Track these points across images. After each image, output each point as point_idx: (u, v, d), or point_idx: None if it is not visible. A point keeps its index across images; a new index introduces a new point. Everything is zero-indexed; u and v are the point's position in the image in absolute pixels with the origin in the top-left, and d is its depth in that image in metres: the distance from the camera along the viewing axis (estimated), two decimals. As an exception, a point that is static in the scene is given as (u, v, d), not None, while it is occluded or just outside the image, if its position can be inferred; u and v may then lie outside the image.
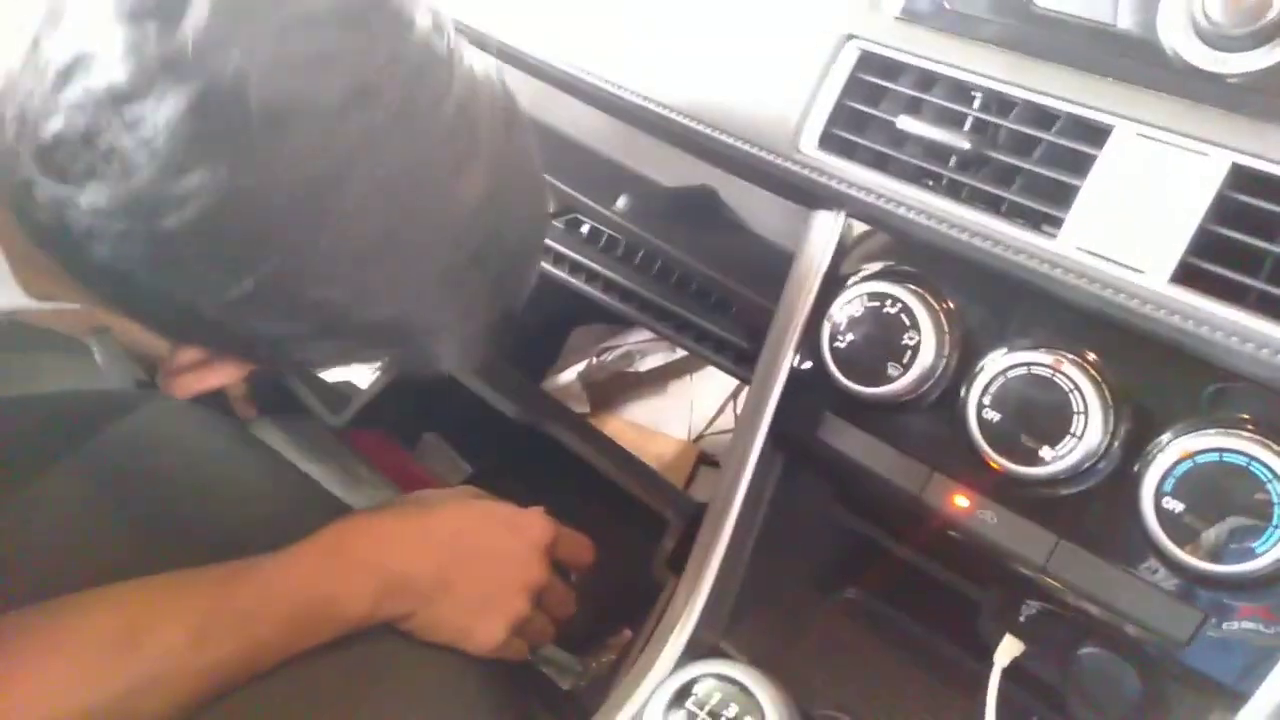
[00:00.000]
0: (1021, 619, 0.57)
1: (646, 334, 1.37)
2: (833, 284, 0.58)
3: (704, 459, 1.22)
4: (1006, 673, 0.57)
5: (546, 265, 0.85)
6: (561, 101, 0.76)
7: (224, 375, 0.52)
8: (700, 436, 1.29)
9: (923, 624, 0.69)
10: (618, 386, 1.43)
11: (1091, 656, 0.54)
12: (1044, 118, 0.50)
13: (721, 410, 1.28)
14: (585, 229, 0.79)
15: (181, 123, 0.39)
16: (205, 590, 0.57)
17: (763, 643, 0.65)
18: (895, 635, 0.68)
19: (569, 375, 1.36)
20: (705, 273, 0.68)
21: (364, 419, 0.95)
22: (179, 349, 0.51)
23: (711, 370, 1.19)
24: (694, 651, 0.62)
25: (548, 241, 0.82)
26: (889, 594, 0.71)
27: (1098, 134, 0.48)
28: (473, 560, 0.63)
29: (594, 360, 1.40)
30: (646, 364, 1.44)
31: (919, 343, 0.52)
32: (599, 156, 0.83)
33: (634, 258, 0.77)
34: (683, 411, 1.42)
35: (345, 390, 1.00)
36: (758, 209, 0.77)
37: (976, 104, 0.52)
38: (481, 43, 0.50)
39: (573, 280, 0.82)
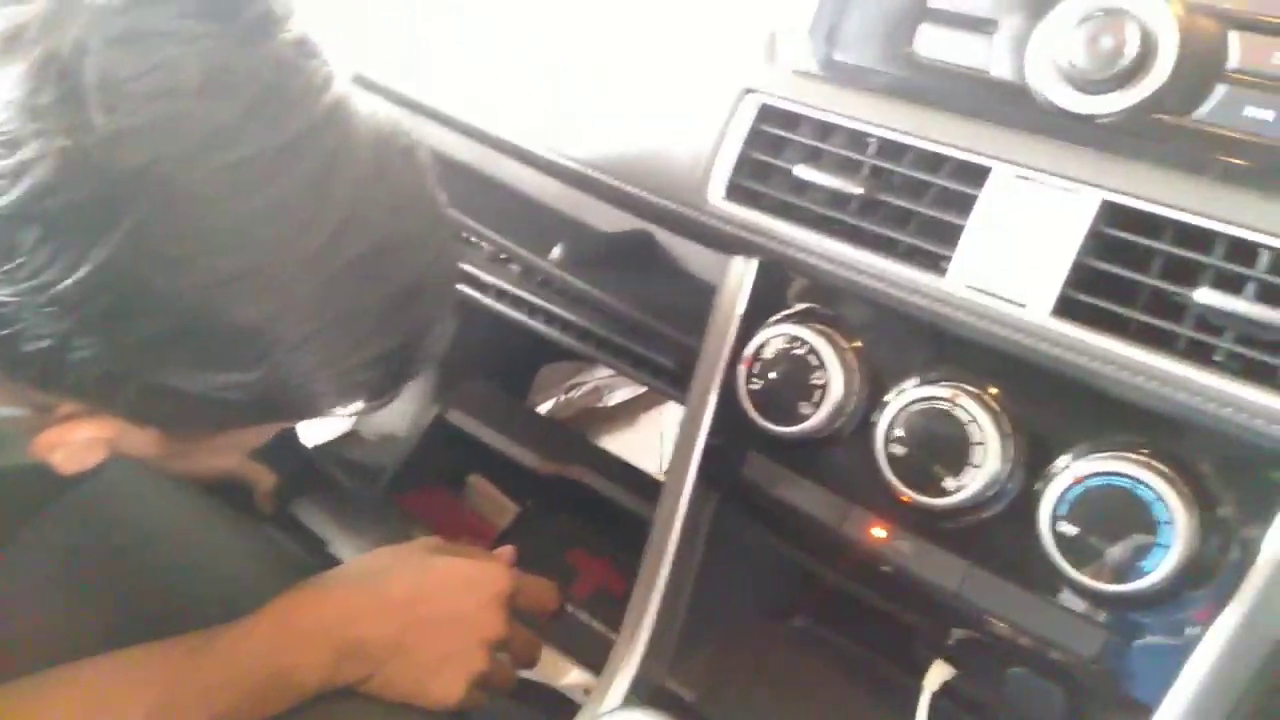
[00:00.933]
0: (950, 643, 0.58)
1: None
2: (750, 326, 0.60)
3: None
4: (943, 694, 0.59)
5: (502, 307, 0.87)
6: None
7: (99, 430, 0.46)
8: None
9: (867, 649, 0.70)
10: (588, 421, 1.45)
11: (1018, 677, 0.56)
12: (933, 162, 0.52)
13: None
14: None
15: (15, 93, 0.38)
16: (163, 668, 0.58)
17: (711, 677, 0.67)
18: (842, 661, 0.70)
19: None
20: (633, 316, 0.70)
21: (404, 481, 0.97)
22: (52, 418, 0.46)
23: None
24: (640, 690, 0.63)
25: (502, 284, 0.84)
26: (834, 621, 0.72)
27: (978, 176, 0.50)
28: (431, 623, 0.63)
29: (562, 397, 1.42)
30: (615, 398, 1.46)
31: (828, 382, 0.54)
32: (543, 206, 0.86)
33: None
34: (653, 443, 1.43)
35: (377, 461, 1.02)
36: (693, 251, 0.79)
37: (871, 150, 0.55)
38: (397, 98, 0.51)
39: (530, 321, 0.84)
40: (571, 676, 0.81)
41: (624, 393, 1.44)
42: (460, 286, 0.92)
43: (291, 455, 0.97)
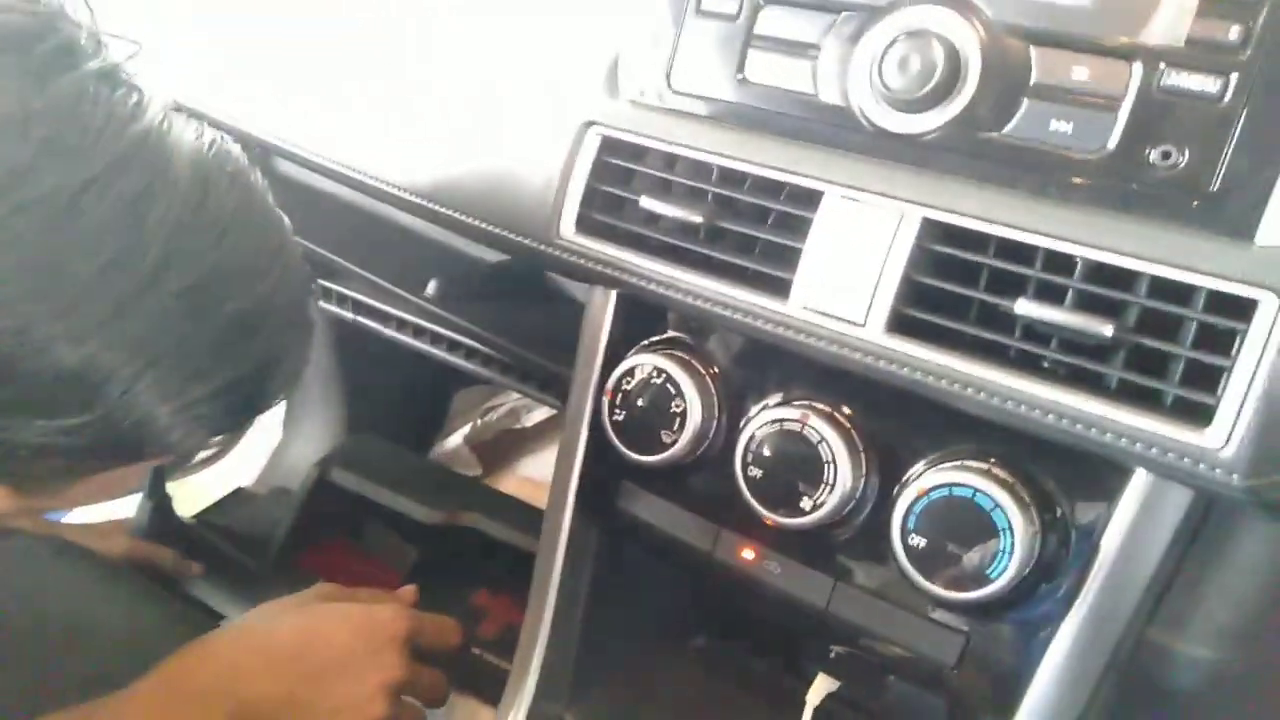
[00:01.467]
0: (831, 655, 0.59)
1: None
2: (615, 356, 0.60)
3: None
4: (831, 704, 0.59)
5: (404, 337, 0.87)
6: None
7: None
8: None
9: (766, 663, 0.71)
10: (508, 443, 1.44)
11: (896, 686, 0.57)
12: (771, 188, 0.53)
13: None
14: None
15: None
16: None
17: (611, 704, 0.67)
18: (740, 678, 0.70)
19: (455, 439, 1.37)
20: (512, 350, 0.69)
21: (299, 539, 0.95)
22: None
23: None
24: (536, 726, 0.63)
25: (403, 314, 0.83)
26: (733, 637, 0.73)
27: (812, 199, 0.51)
28: (323, 674, 0.62)
29: (479, 421, 1.41)
30: (533, 418, 1.45)
31: (686, 409, 0.55)
32: (423, 238, 0.85)
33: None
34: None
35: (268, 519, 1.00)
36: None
37: (714, 178, 0.55)
38: (242, 136, 0.50)
39: (433, 350, 0.84)
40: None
41: (541, 412, 1.43)
42: (359, 317, 0.91)
43: (175, 530, 0.95)
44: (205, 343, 0.45)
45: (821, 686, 0.58)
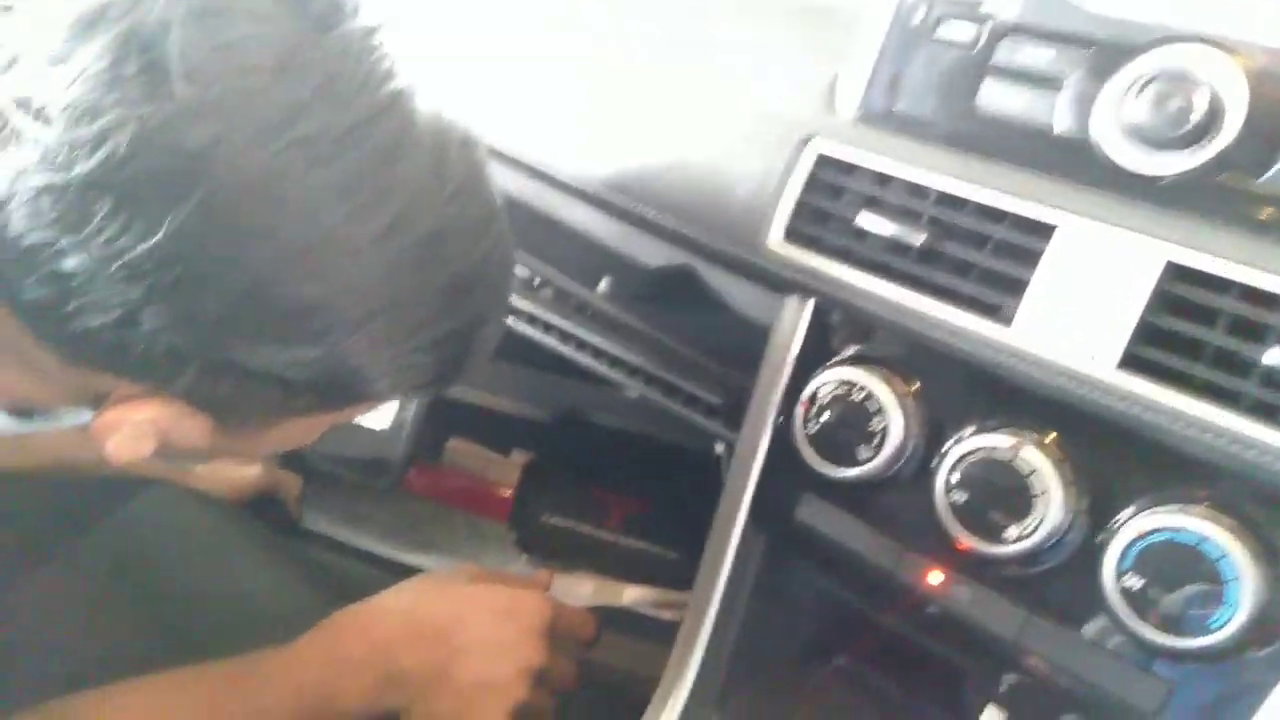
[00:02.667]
0: (1002, 689, 0.58)
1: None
2: (806, 366, 0.60)
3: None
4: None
5: (549, 339, 0.88)
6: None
7: (156, 411, 0.47)
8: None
9: (912, 692, 0.70)
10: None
11: (1071, 726, 0.56)
12: (993, 214, 0.53)
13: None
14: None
15: (98, 65, 0.39)
16: (210, 691, 0.59)
17: (754, 714, 0.67)
18: (885, 703, 0.70)
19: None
20: (688, 354, 0.70)
21: (406, 466, 0.99)
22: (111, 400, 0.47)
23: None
24: (686, 728, 0.63)
25: (550, 317, 0.85)
26: (879, 662, 0.72)
27: (1043, 230, 0.51)
28: (469, 651, 0.64)
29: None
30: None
31: (887, 426, 0.55)
32: (587, 240, 0.87)
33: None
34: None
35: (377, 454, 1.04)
36: (738, 286, 0.80)
37: (931, 200, 0.56)
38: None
39: (578, 356, 0.85)
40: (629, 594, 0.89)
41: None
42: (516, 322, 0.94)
43: (301, 459, 0.99)
44: (428, 296, 0.47)
45: (991, 719, 0.58)
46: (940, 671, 0.66)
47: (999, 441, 0.51)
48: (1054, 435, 0.51)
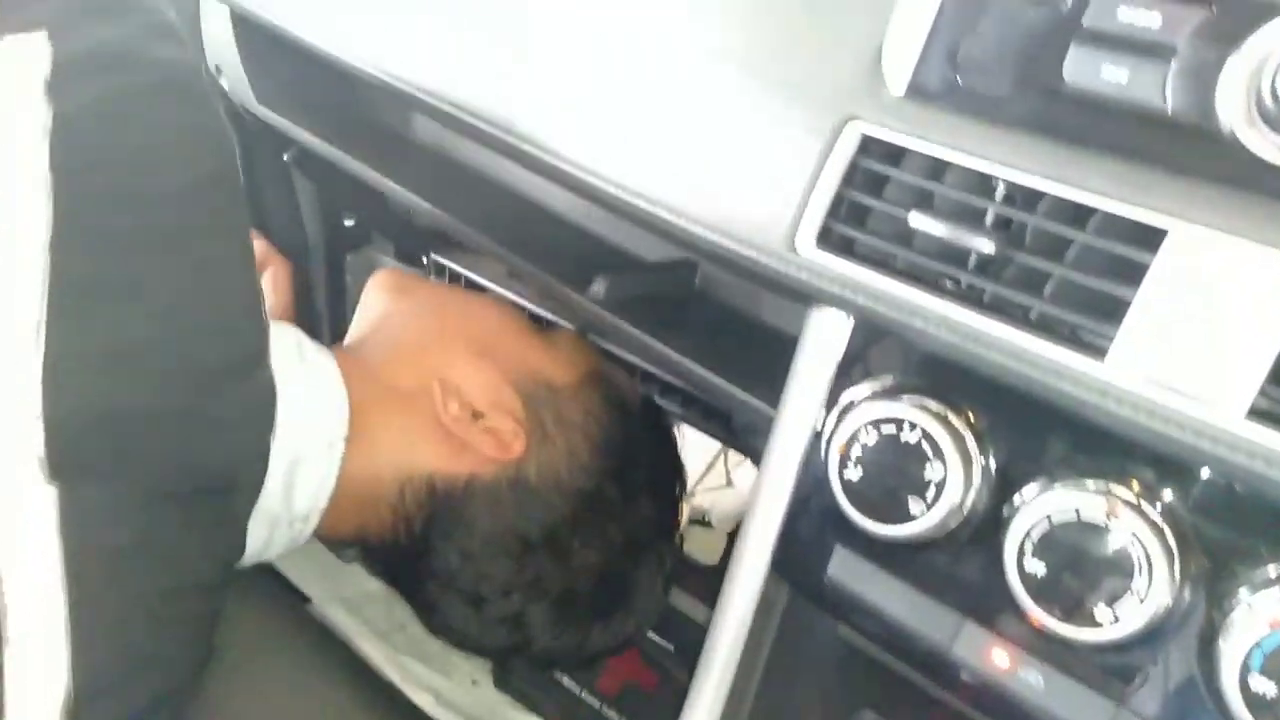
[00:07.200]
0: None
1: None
2: (839, 396, 0.50)
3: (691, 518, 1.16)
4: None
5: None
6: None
7: None
8: (690, 494, 1.22)
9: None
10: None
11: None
12: (1082, 215, 0.43)
13: (710, 467, 1.21)
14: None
15: None
16: None
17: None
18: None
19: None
20: (699, 374, 0.60)
21: None
22: None
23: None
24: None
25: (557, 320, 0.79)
26: (904, 715, 0.63)
27: (1149, 238, 0.40)
28: None
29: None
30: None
31: (945, 477, 0.45)
32: (577, 230, 0.76)
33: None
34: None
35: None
36: (741, 286, 0.70)
37: (999, 195, 0.45)
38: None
39: None
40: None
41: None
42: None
43: None
44: None
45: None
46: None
47: (1088, 502, 0.41)
48: (1153, 493, 0.42)
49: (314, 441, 0.61)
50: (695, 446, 1.22)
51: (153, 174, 0.48)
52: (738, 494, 1.17)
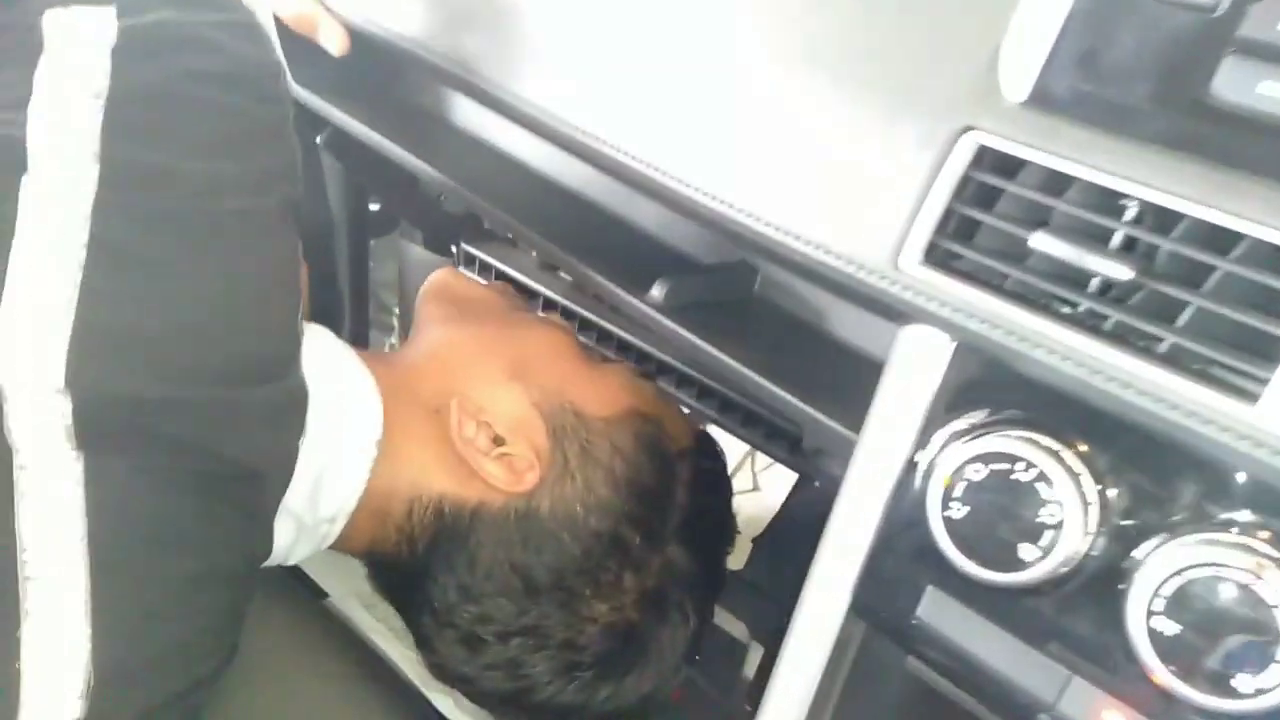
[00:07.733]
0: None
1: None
2: (935, 425, 0.47)
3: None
4: None
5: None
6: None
7: None
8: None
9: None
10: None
11: None
12: (1227, 240, 0.39)
13: (738, 468, 1.17)
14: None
15: None
16: None
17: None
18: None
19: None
20: (769, 389, 0.56)
21: None
22: None
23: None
24: None
25: (613, 329, 0.76)
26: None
27: (1310, 269, 0.37)
28: None
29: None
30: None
31: (1062, 522, 0.41)
32: (622, 223, 0.73)
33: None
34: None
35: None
36: (804, 290, 0.66)
37: (1128, 215, 0.41)
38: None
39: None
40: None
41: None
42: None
43: None
44: None
45: None
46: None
47: (1231, 558, 0.38)
48: (1300, 548, 0.38)
49: (345, 446, 0.58)
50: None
51: (209, 160, 0.45)
52: (764, 499, 1.14)
